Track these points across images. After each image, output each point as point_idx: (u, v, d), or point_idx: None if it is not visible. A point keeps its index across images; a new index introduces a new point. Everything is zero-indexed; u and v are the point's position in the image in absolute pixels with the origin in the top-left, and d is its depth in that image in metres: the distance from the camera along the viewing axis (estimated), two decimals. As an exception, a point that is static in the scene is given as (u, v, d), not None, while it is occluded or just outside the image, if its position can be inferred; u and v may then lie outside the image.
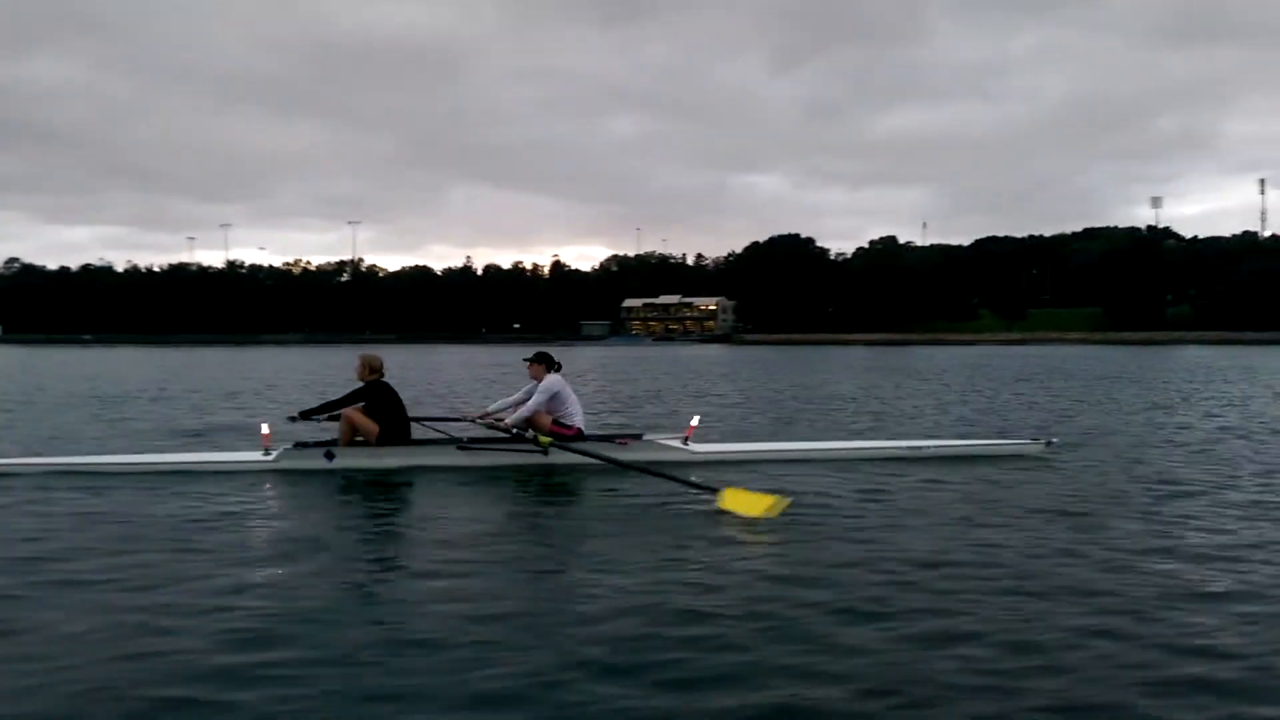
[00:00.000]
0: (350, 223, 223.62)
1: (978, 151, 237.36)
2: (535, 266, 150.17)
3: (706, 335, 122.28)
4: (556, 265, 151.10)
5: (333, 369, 33.04)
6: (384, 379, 9.20)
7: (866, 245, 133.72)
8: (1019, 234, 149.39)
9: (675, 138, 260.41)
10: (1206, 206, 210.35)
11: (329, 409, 9.10)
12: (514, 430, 8.81)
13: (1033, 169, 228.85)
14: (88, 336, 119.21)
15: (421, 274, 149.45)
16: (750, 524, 6.20)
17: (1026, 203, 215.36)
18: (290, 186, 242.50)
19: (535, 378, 9.36)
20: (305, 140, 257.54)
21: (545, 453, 8.69)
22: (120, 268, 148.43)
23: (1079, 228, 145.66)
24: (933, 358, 46.56)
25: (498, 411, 9.36)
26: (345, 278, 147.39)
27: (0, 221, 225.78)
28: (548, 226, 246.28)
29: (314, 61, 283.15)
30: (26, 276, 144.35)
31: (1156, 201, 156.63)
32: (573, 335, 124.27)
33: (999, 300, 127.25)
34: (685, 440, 9.54)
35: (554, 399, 9.14)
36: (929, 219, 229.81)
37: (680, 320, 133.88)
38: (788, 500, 6.43)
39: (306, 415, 9.19)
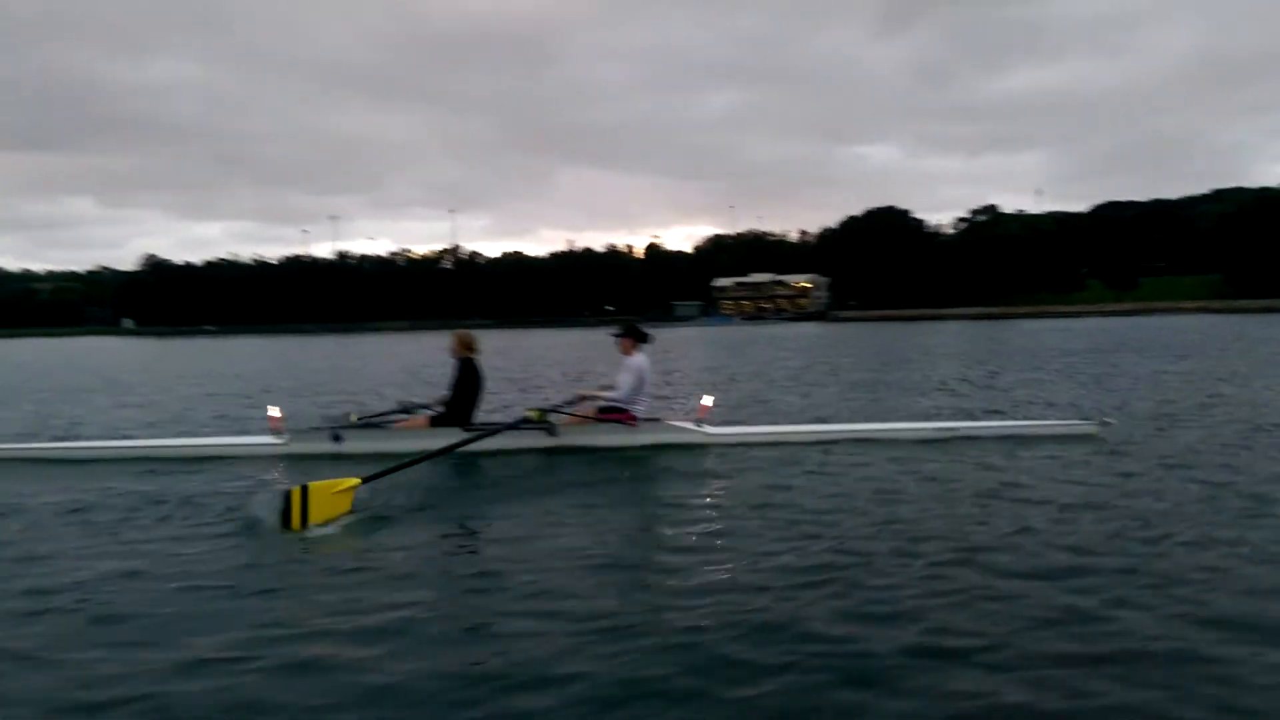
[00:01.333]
0: (450, 210, 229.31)
1: (1101, 111, 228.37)
2: (629, 248, 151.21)
3: (799, 313, 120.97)
4: (651, 246, 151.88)
5: (427, 352, 34.69)
6: (474, 358, 9.06)
7: (967, 215, 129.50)
8: (1143, 198, 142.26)
9: (777, 109, 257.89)
10: None
11: (559, 408, 8.98)
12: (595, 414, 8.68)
13: (1161, 128, 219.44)
14: (211, 328, 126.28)
15: (519, 259, 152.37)
16: (762, 516, 5.91)
17: (1156, 164, 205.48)
18: (399, 175, 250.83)
19: (624, 353, 8.98)
20: (410, 129, 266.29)
21: (552, 432, 8.58)
22: (246, 261, 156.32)
23: (1207, 189, 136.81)
24: (1030, 332, 45.22)
25: (594, 398, 9.04)
26: (447, 265, 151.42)
27: (137, 219, 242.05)
28: (653, 207, 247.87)
29: (414, 50, 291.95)
30: (156, 272, 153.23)
31: None
32: (665, 315, 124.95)
33: (1108, 269, 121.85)
34: (698, 421, 9.23)
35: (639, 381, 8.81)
36: (1051, 184, 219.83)
37: (772, 299, 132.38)
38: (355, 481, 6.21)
39: (547, 413, 8.84)
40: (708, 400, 9.72)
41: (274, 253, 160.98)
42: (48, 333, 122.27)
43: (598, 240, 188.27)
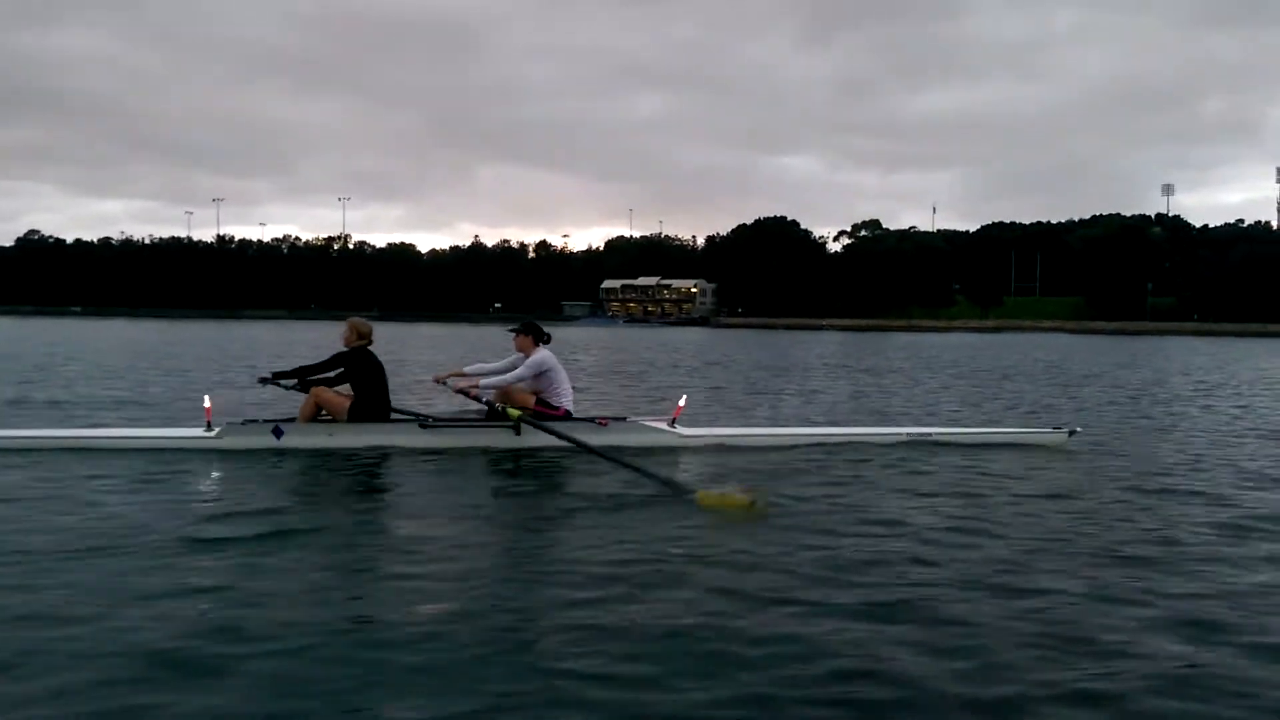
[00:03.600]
0: (340, 199, 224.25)
1: (1015, 132, 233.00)
2: (522, 245, 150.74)
3: (684, 317, 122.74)
4: (542, 244, 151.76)
5: (301, 343, 33.97)
6: (370, 347, 8.47)
7: (848, 229, 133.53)
8: (1035, 219, 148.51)
9: (701, 116, 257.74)
10: (1250, 195, 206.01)
11: (304, 374, 8.30)
12: (485, 401, 8.10)
13: (1072, 151, 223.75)
14: (77, 308, 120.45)
15: (407, 251, 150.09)
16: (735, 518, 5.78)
17: (1060, 187, 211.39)
18: (314, 162, 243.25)
19: (521, 350, 8.51)
20: (329, 115, 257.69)
21: (518, 431, 8.01)
22: (146, 241, 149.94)
23: (1092, 214, 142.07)
24: (896, 345, 46.88)
25: (475, 375, 8.49)
26: (334, 254, 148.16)
27: (32, 193, 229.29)
28: (575, 206, 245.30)
29: (337, 36, 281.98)
30: (23, 249, 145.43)
31: (1168, 189, 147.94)
32: (554, 314, 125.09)
33: (977, 287, 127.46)
34: (672, 422, 8.78)
35: (541, 376, 8.34)
36: (958, 202, 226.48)
37: (659, 302, 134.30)
38: (766, 498, 5.94)
39: (278, 378, 8.36)
40: (682, 400, 9.38)
41: (173, 233, 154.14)
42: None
43: (519, 236, 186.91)
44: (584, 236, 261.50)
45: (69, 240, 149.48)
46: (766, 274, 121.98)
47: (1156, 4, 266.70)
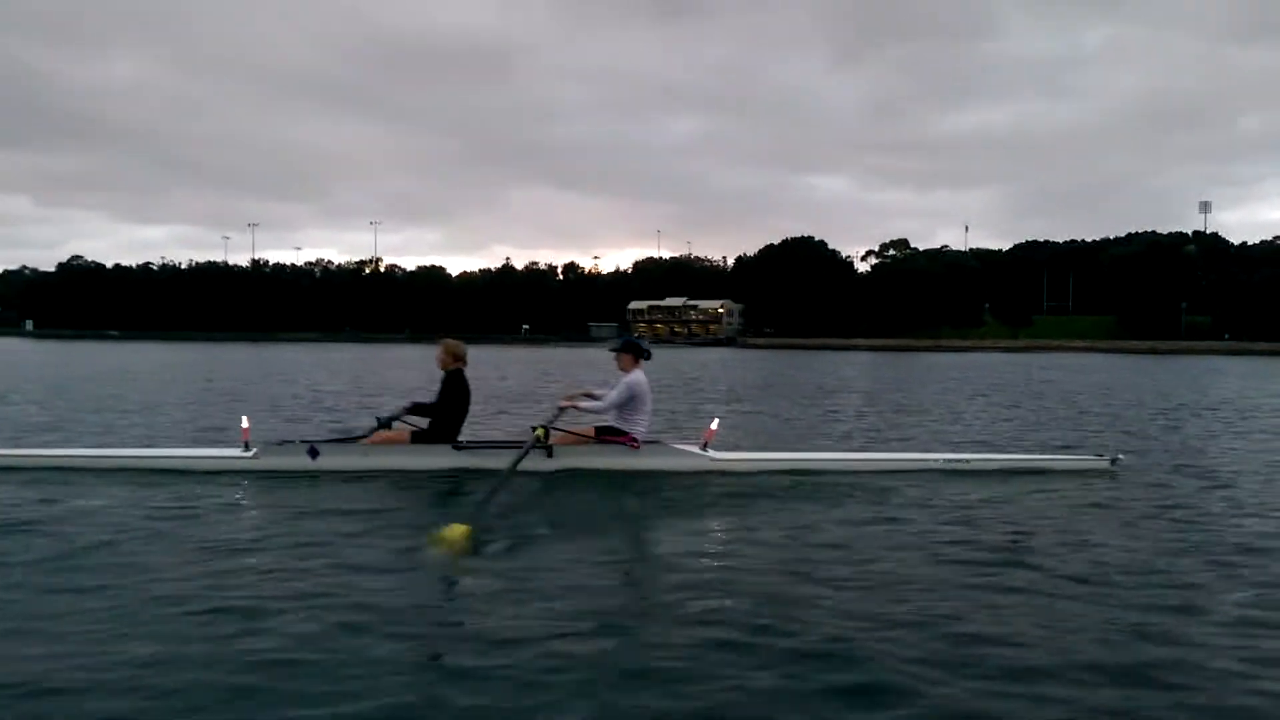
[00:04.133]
0: (373, 223, 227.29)
1: (1048, 151, 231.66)
2: (550, 267, 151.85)
3: (710, 338, 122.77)
4: (570, 266, 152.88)
5: (336, 365, 34.70)
6: (463, 369, 8.42)
7: (876, 248, 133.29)
8: (1068, 237, 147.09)
9: (733, 137, 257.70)
10: None
11: (418, 411, 8.34)
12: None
13: (1107, 169, 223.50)
14: (114, 332, 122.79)
15: (438, 274, 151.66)
16: (773, 535, 5.85)
17: (1094, 205, 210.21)
18: (350, 185, 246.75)
19: (623, 370, 8.40)
20: (365, 139, 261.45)
21: (550, 454, 7.92)
22: (183, 266, 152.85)
23: (1127, 232, 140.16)
24: (925, 365, 46.57)
25: (577, 398, 8.54)
26: (366, 277, 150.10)
27: (77, 220, 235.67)
28: (607, 227, 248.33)
29: (373, 61, 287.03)
30: (64, 274, 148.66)
31: (1205, 206, 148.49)
32: (581, 336, 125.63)
33: (1007, 306, 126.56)
34: (704, 445, 8.66)
35: (631, 400, 8.24)
36: (993, 221, 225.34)
37: (685, 323, 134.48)
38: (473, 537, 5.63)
39: (394, 418, 8.31)
40: (714, 424, 9.16)
41: (211, 258, 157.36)
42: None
43: (552, 258, 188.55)
44: (616, 258, 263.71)
45: (116, 266, 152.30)
46: (794, 294, 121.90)
47: (1189, 19, 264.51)
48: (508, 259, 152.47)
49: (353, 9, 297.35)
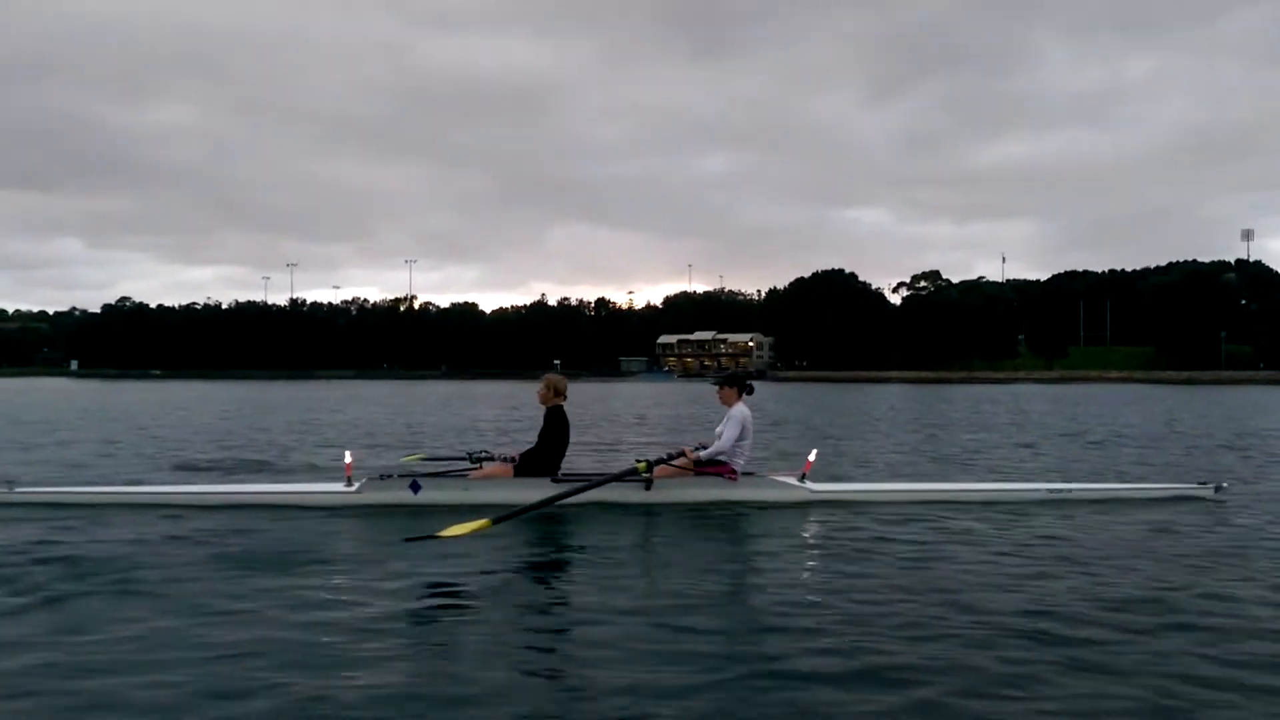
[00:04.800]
0: (408, 261, 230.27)
1: (1090, 182, 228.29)
2: (581, 302, 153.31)
3: (740, 372, 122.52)
4: (601, 302, 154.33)
5: (368, 400, 35.36)
6: (563, 405, 8.55)
7: (908, 280, 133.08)
8: (1108, 267, 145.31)
9: (769, 172, 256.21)
10: None
11: (530, 456, 8.40)
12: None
13: (1150, 199, 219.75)
14: (157, 371, 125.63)
15: (471, 311, 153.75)
16: (877, 568, 5.81)
17: (1138, 235, 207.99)
18: (391, 225, 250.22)
19: (725, 403, 8.49)
20: (405, 179, 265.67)
21: (648, 487, 7.97)
22: (224, 306, 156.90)
23: (1168, 261, 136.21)
24: (961, 397, 46.09)
25: (688, 453, 8.41)
26: (402, 314, 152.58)
27: (126, 261, 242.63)
28: (644, 263, 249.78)
29: (412, 102, 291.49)
30: (110, 315, 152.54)
31: (1248, 234, 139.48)
32: (612, 370, 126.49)
33: (1041, 337, 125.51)
34: (802, 477, 8.64)
35: (741, 433, 8.29)
36: (1033, 253, 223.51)
37: (715, 356, 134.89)
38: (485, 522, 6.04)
39: (527, 468, 8.32)
40: (812, 455, 9.19)
41: (253, 298, 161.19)
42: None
43: (589, 294, 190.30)
44: (652, 293, 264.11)
45: (159, 306, 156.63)
46: (824, 327, 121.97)
47: (1233, 48, 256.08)
48: (543, 295, 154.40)
49: (395, 53, 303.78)
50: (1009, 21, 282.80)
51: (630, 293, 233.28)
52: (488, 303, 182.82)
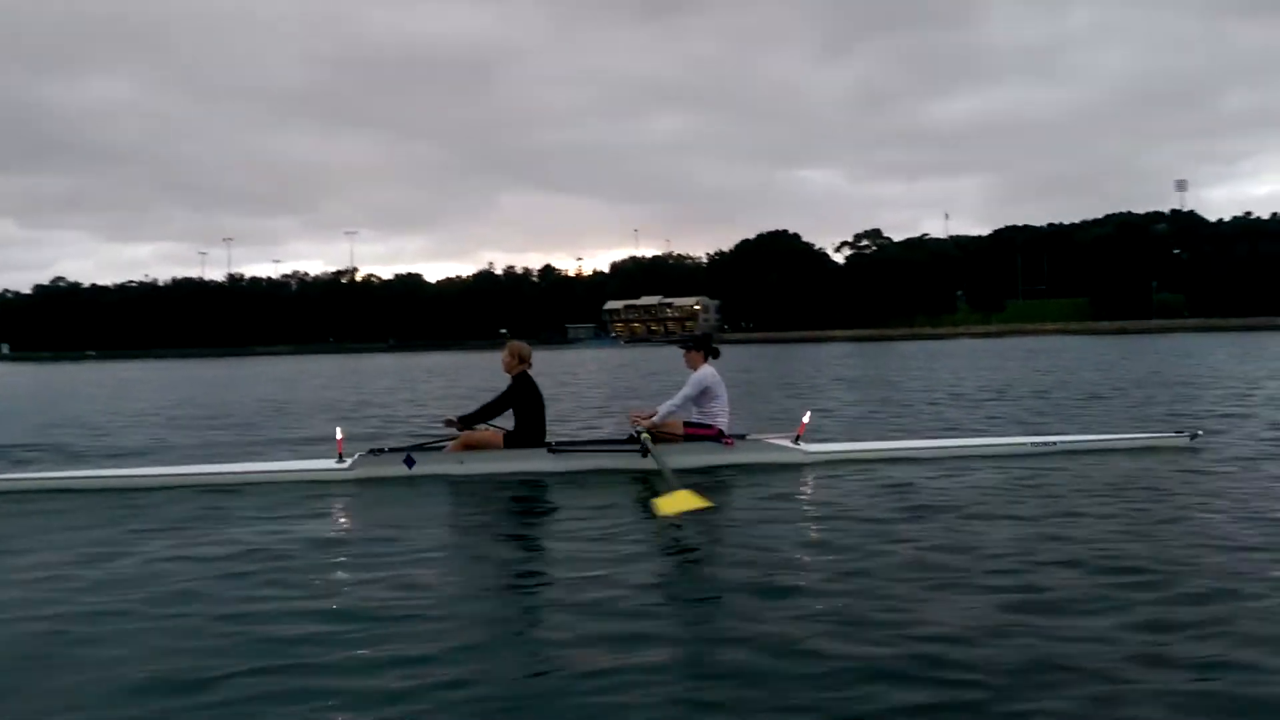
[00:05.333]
0: (347, 232, 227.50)
1: (1036, 136, 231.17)
2: (527, 270, 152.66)
3: (685, 335, 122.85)
4: (546, 269, 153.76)
5: (310, 375, 34.82)
6: (528, 370, 8.39)
7: (850, 239, 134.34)
8: (1050, 221, 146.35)
9: (721, 133, 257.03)
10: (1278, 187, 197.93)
11: (489, 413, 8.28)
12: (635, 431, 8.08)
13: (1094, 152, 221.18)
14: (92, 353, 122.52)
15: (415, 281, 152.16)
16: (880, 525, 5.81)
17: (1083, 187, 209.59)
18: (338, 198, 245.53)
19: (690, 366, 8.45)
20: (354, 152, 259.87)
21: (644, 453, 7.80)
22: (158, 283, 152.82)
23: (1105, 213, 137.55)
24: (913, 354, 46.69)
25: (661, 411, 8.28)
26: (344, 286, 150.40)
27: (63, 241, 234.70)
28: (595, 228, 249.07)
29: (357, 74, 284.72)
30: (42, 296, 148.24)
31: (1181, 185, 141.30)
32: (559, 338, 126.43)
33: (978, 293, 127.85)
34: (796, 439, 8.66)
35: (703, 394, 8.25)
36: (982, 207, 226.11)
37: (661, 321, 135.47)
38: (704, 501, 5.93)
39: (468, 422, 8.23)
40: (806, 417, 9.14)
41: (197, 274, 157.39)
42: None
43: (541, 262, 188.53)
44: (604, 259, 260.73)
45: (93, 285, 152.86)
46: (768, 288, 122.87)
47: None
48: (490, 264, 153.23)
49: (335, 22, 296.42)
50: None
51: (579, 259, 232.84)
52: (437, 272, 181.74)
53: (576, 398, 20.33)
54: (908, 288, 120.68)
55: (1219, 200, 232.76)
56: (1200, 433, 9.24)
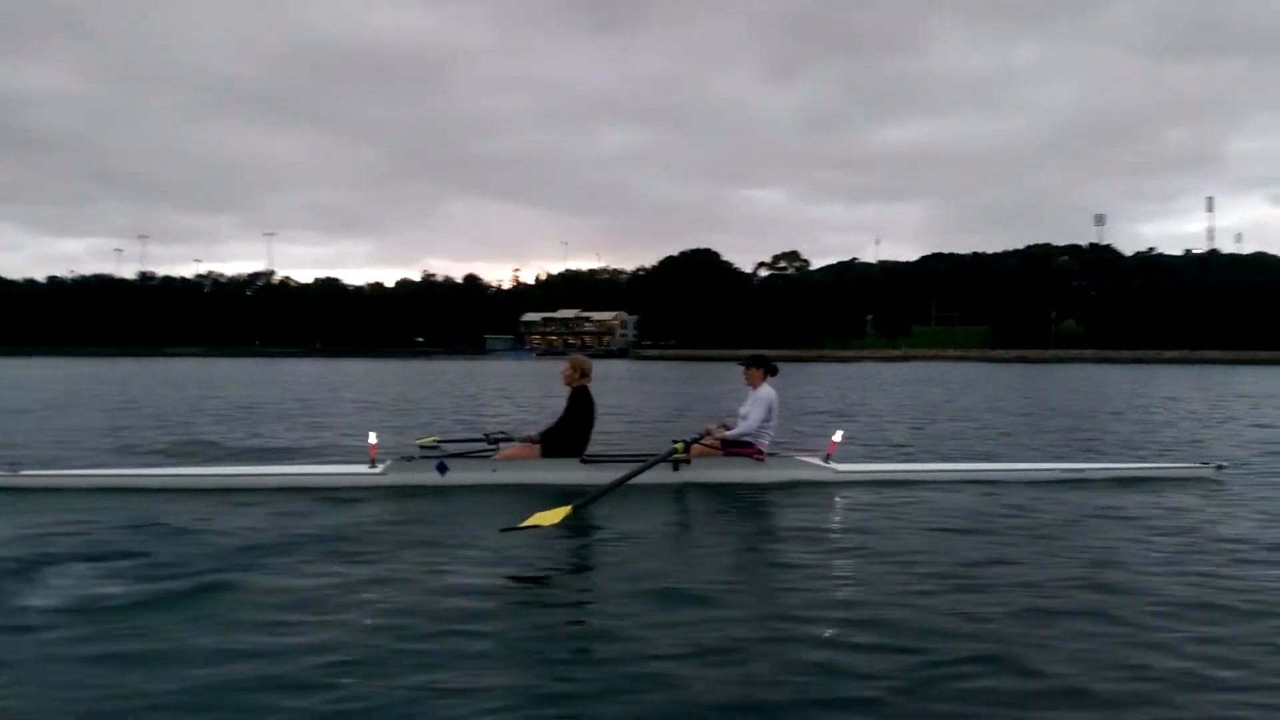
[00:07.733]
0: (266, 234, 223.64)
1: (977, 165, 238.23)
2: (447, 279, 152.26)
3: (602, 350, 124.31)
4: (468, 278, 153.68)
5: (228, 379, 34.57)
6: (588, 386, 8.63)
7: (769, 260, 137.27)
8: (972, 250, 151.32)
9: (670, 150, 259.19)
10: (1209, 224, 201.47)
11: (565, 429, 8.44)
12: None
13: (1033, 184, 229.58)
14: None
15: (334, 286, 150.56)
16: (904, 545, 5.97)
17: (1018, 219, 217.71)
18: (279, 197, 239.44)
19: (751, 384, 8.59)
20: (294, 150, 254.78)
21: (675, 467, 8.08)
22: (68, 279, 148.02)
23: (1027, 244, 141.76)
24: (818, 375, 47.40)
25: (716, 429, 8.52)
26: (260, 289, 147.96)
27: None
28: (541, 239, 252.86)
29: (304, 70, 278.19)
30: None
31: (1100, 219, 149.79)
32: (476, 349, 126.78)
33: (886, 318, 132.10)
34: (826, 458, 8.87)
35: (768, 414, 8.43)
36: (918, 234, 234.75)
37: (579, 334, 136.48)
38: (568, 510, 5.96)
39: (550, 440, 8.38)
40: (837, 436, 9.34)
41: (116, 271, 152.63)
42: None
43: (487, 271, 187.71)
44: (544, 269, 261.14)
45: (22, 279, 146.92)
46: (686, 306, 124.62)
47: (1118, 35, 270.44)
48: (424, 273, 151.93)
49: (280, 14, 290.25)
50: (905, 2, 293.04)
51: (516, 270, 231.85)
52: (381, 278, 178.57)
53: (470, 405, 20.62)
54: (818, 311, 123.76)
55: (1151, 236, 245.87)
56: (1225, 464, 9.49)
